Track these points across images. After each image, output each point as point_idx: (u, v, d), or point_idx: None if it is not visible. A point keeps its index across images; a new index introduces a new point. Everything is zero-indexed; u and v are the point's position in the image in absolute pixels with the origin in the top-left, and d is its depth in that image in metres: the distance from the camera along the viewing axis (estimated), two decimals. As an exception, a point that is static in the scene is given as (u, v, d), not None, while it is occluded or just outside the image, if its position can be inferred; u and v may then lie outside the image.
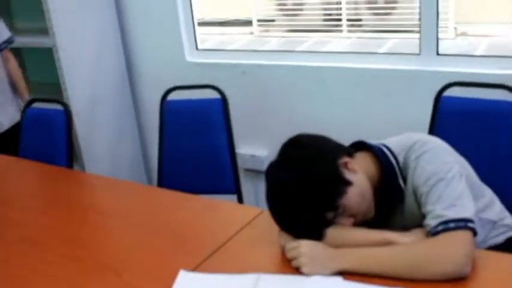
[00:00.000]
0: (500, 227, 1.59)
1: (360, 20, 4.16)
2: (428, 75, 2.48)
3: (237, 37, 4.89)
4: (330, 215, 1.35)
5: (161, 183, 2.40)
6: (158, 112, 2.43)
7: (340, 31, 4.18)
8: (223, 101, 2.32)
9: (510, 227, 1.62)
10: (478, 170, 1.58)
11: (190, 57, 3.30)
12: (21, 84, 3.03)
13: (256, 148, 3.04)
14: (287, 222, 1.39)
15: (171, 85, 2.47)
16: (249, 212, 1.68)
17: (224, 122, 2.32)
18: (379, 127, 2.46)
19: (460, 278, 1.24)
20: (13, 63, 2.97)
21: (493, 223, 1.57)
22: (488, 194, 1.61)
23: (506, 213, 1.65)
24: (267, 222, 1.50)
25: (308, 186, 1.33)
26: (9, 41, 2.88)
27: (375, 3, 3.60)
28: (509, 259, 1.39)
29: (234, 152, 2.34)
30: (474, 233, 1.28)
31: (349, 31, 4.14)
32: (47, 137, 2.46)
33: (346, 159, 1.40)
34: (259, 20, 5.14)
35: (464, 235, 1.27)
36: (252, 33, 5.17)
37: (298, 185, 1.33)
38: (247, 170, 2.91)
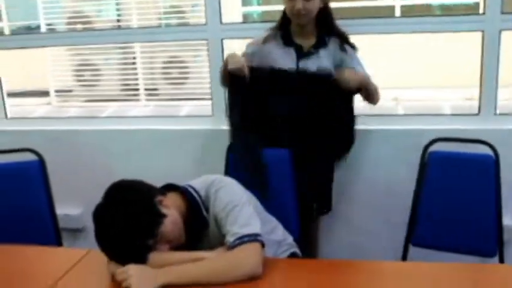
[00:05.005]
0: (284, 245, 2.02)
1: (156, 89, 4.55)
2: (221, 133, 2.90)
3: (34, 108, 4.89)
4: (150, 242, 1.62)
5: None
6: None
7: (138, 100, 4.51)
8: (41, 163, 2.36)
9: (292, 245, 2.06)
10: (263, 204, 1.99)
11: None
12: None
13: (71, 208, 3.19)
14: (115, 252, 1.63)
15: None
16: (76, 253, 1.85)
17: (43, 183, 2.36)
18: (185, 175, 2.81)
19: (256, 278, 1.60)
20: None
21: (279, 243, 1.99)
22: (272, 220, 2.04)
23: (288, 235, 2.10)
24: (95, 260, 1.73)
25: (131, 220, 1.59)
26: None
27: (170, 74, 4.01)
28: (292, 264, 1.84)
29: (54, 211, 2.38)
30: (262, 244, 1.67)
31: (147, 99, 4.49)
32: None
33: (160, 197, 1.71)
34: (56, 91, 5.22)
35: (255, 245, 1.64)
36: (49, 103, 5.21)
37: (123, 220, 1.59)
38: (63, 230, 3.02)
